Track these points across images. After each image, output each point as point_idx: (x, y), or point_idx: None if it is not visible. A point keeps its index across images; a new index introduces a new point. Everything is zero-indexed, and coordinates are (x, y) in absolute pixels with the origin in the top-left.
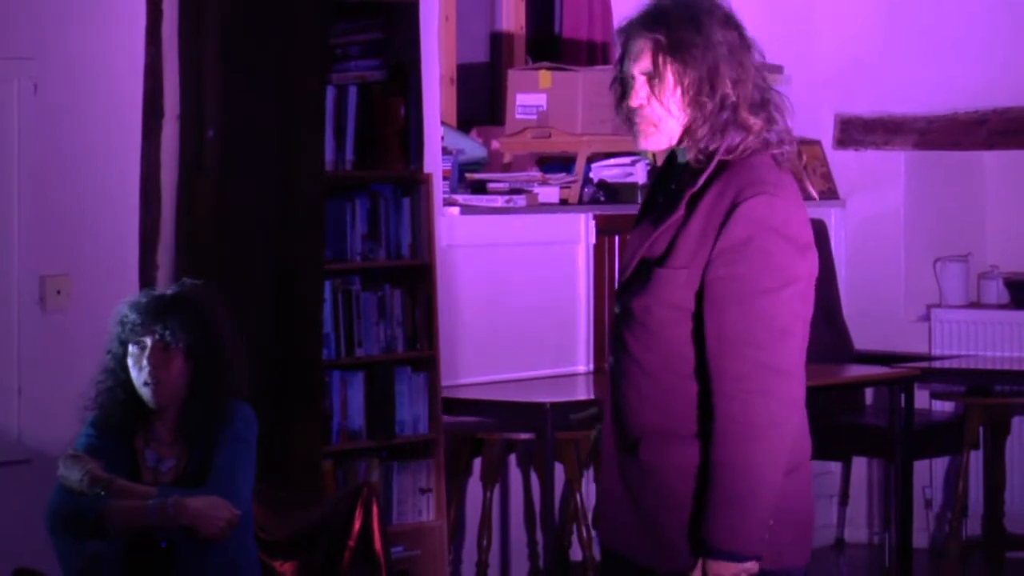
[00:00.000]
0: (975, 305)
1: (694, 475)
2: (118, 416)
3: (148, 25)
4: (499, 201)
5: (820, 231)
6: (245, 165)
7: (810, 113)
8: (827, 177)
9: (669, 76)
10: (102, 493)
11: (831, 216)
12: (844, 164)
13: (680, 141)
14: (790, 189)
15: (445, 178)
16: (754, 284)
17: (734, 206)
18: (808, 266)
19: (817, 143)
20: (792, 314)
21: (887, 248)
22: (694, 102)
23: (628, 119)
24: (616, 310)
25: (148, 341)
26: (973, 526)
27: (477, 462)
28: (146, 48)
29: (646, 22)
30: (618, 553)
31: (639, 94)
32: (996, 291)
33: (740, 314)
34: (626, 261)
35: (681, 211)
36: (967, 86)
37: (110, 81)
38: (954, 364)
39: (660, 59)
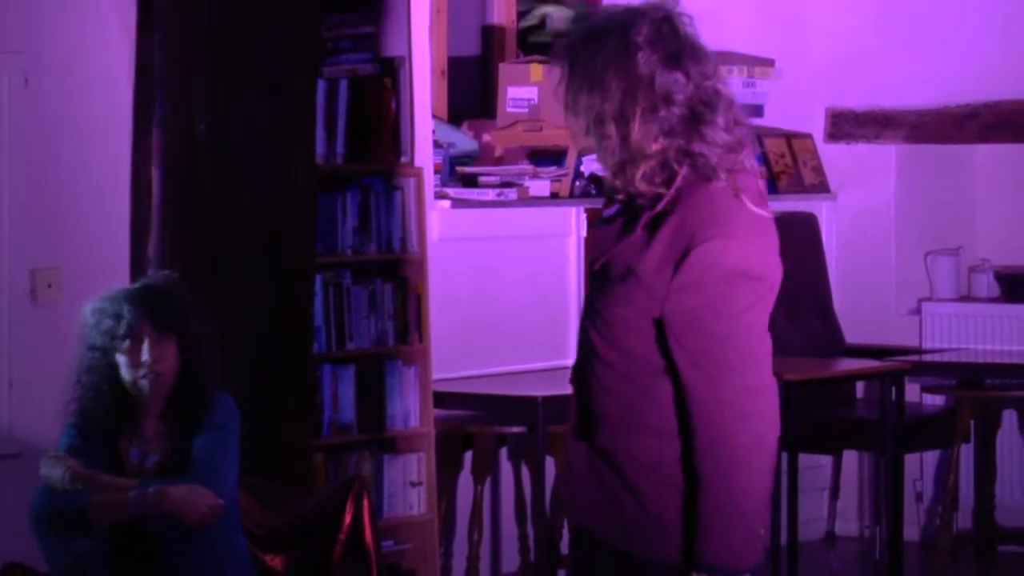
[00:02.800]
0: (966, 298)
1: (654, 467)
2: (103, 417)
3: (139, 18)
4: (490, 194)
5: (811, 224)
6: (236, 158)
7: (801, 106)
8: (818, 170)
9: (572, 105)
10: (82, 489)
11: (822, 209)
12: (835, 157)
13: (627, 177)
14: (744, 222)
15: (436, 171)
16: (718, 311)
17: (688, 248)
18: (763, 292)
19: (808, 136)
20: (758, 335)
21: (878, 241)
22: (591, 134)
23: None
24: (586, 296)
25: (144, 334)
26: (964, 519)
27: (468, 455)
28: (137, 42)
29: (567, 44)
30: (588, 531)
31: (573, 118)
32: (987, 284)
33: (708, 341)
34: (591, 252)
35: (639, 234)
36: (958, 80)
37: (101, 74)
38: (945, 357)
39: (571, 93)
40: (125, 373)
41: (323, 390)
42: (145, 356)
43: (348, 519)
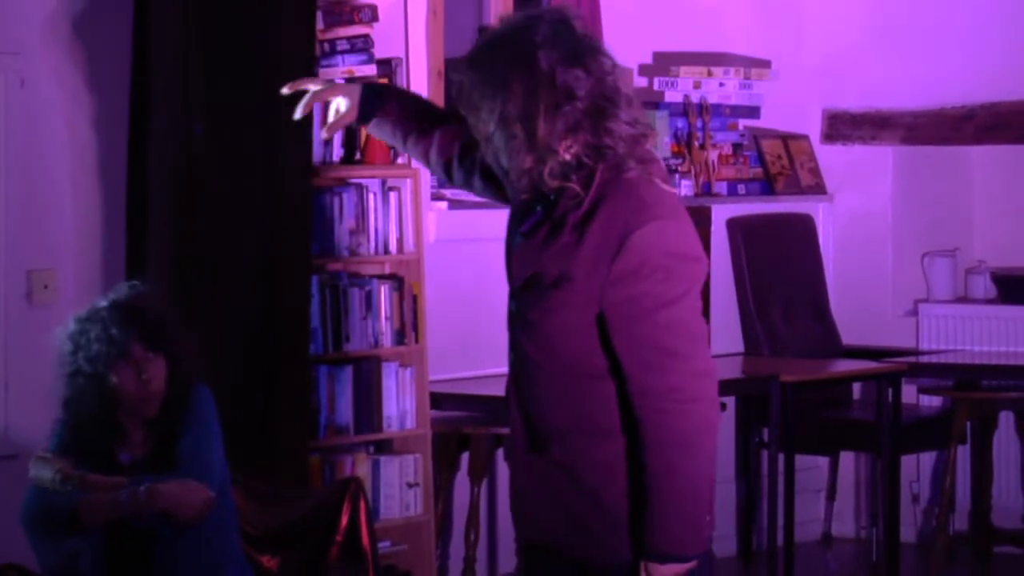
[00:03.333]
0: (962, 300)
1: (613, 470)
2: (91, 441)
3: (135, 20)
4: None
5: (807, 226)
6: (232, 160)
7: (798, 108)
8: (815, 172)
9: (476, 117)
10: (72, 489)
11: (819, 211)
12: (832, 159)
13: (534, 176)
14: (671, 205)
15: (432, 173)
16: (658, 299)
17: (624, 236)
18: (699, 274)
19: (805, 138)
20: (698, 318)
21: (875, 243)
22: (496, 142)
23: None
24: (512, 307)
25: (136, 354)
26: (960, 521)
27: (464, 457)
28: (133, 43)
29: (467, 60)
30: (543, 545)
31: (477, 131)
32: (983, 286)
33: (652, 329)
34: (512, 269)
35: (568, 236)
36: (955, 81)
37: (97, 76)
38: (941, 359)
39: (474, 100)
40: (122, 392)
41: (319, 391)
42: (143, 375)
43: (345, 520)
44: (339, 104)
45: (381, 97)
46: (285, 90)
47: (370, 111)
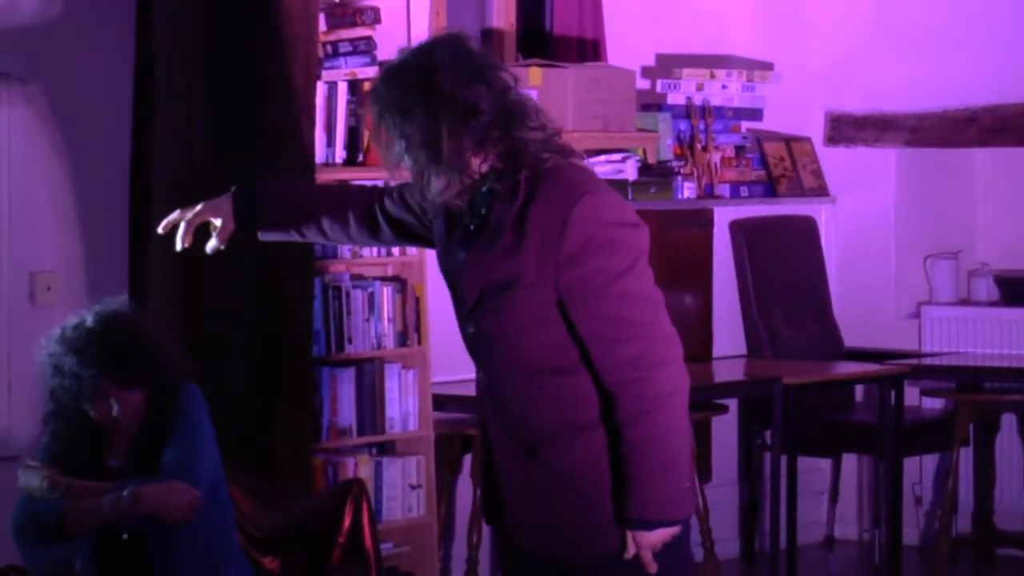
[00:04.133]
0: (965, 302)
1: (599, 464)
2: (80, 449)
3: (138, 21)
4: None
5: (810, 228)
6: (235, 160)
7: (801, 110)
8: (817, 174)
9: (387, 140)
10: (60, 497)
11: (821, 213)
12: (835, 161)
13: (444, 193)
14: (597, 180)
15: None
16: (610, 271)
17: (564, 216)
18: (643, 241)
19: (808, 140)
20: (651, 285)
21: (877, 245)
22: (408, 166)
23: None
24: (469, 331)
25: (109, 392)
26: (963, 523)
27: (467, 458)
28: (136, 42)
29: (369, 94)
30: (530, 551)
31: (388, 153)
32: (986, 288)
33: (608, 303)
34: (462, 291)
35: (509, 236)
36: (958, 84)
37: (100, 77)
38: (944, 361)
39: (381, 125)
40: (94, 417)
41: (322, 393)
42: (115, 411)
43: (347, 522)
44: (216, 222)
45: (255, 203)
46: (160, 230)
47: (249, 220)
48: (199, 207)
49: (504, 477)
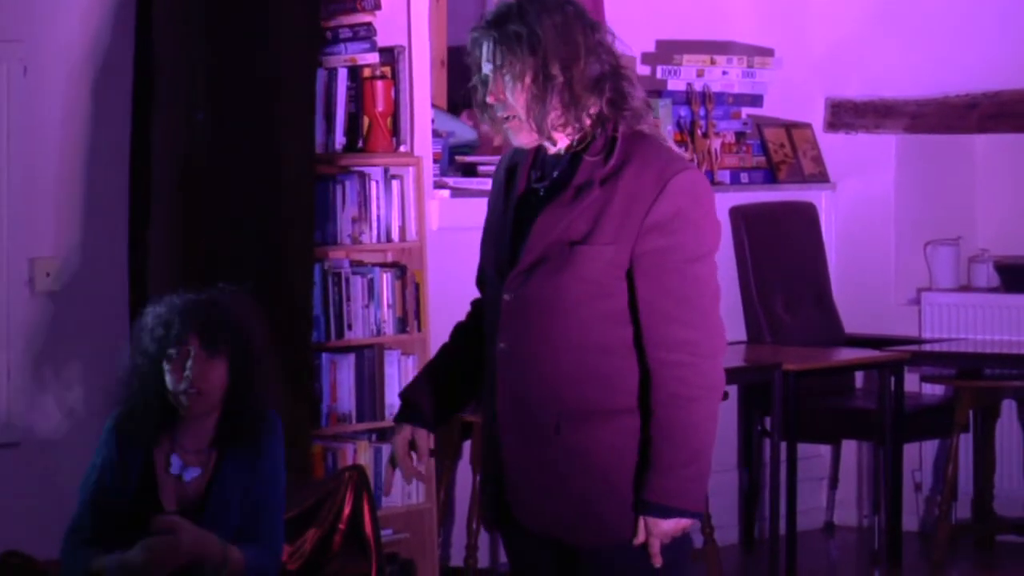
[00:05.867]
0: (965, 288)
1: (623, 450)
2: (144, 423)
3: (138, 7)
4: (489, 184)
5: (810, 214)
6: (235, 147)
7: (801, 96)
8: (818, 160)
9: (509, 70)
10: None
11: (821, 199)
12: (835, 147)
13: (544, 133)
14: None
15: (435, 161)
16: (689, 252)
17: (663, 181)
18: (719, 236)
19: (808, 126)
20: (716, 280)
21: (877, 231)
22: (532, 91)
23: (493, 120)
24: (505, 297)
25: (192, 348)
26: (963, 509)
27: (467, 445)
28: (136, 30)
29: (486, 23)
30: (533, 532)
31: (493, 91)
32: (986, 275)
33: (679, 282)
34: (519, 251)
35: (597, 192)
36: (958, 70)
37: (100, 63)
38: (944, 347)
39: (498, 55)
40: (168, 383)
41: (322, 379)
42: (188, 371)
43: (348, 509)
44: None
45: (418, 409)
46: (386, 495)
47: (427, 423)
48: (397, 450)
49: (512, 456)
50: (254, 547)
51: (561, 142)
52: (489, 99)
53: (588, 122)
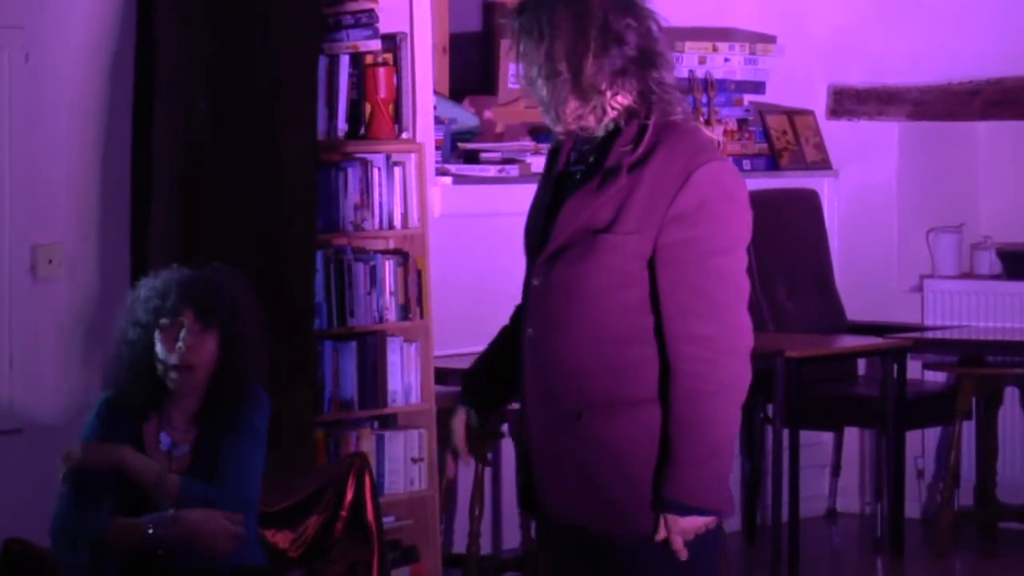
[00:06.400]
0: (968, 275)
1: (646, 440)
2: (135, 397)
3: None
4: (492, 171)
5: (812, 201)
6: (237, 135)
7: (803, 83)
8: (820, 147)
9: (526, 59)
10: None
11: (824, 186)
12: (837, 134)
13: (563, 122)
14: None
15: (437, 148)
16: (711, 244)
17: (687, 172)
18: (749, 226)
19: (810, 113)
20: (743, 272)
21: (880, 218)
22: (547, 83)
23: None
24: (534, 282)
25: (185, 320)
26: (965, 496)
27: None
28: (138, 17)
29: (513, 9)
30: (570, 524)
31: (523, 77)
32: (989, 262)
33: (699, 275)
34: (551, 233)
35: (624, 179)
36: (961, 56)
37: (102, 50)
38: (947, 335)
39: (520, 44)
40: (159, 354)
41: (324, 366)
42: (180, 343)
43: (350, 496)
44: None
45: (476, 392)
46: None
47: (486, 405)
48: (453, 432)
49: (538, 445)
50: (205, 484)
51: (595, 127)
52: (523, 83)
53: (614, 112)
